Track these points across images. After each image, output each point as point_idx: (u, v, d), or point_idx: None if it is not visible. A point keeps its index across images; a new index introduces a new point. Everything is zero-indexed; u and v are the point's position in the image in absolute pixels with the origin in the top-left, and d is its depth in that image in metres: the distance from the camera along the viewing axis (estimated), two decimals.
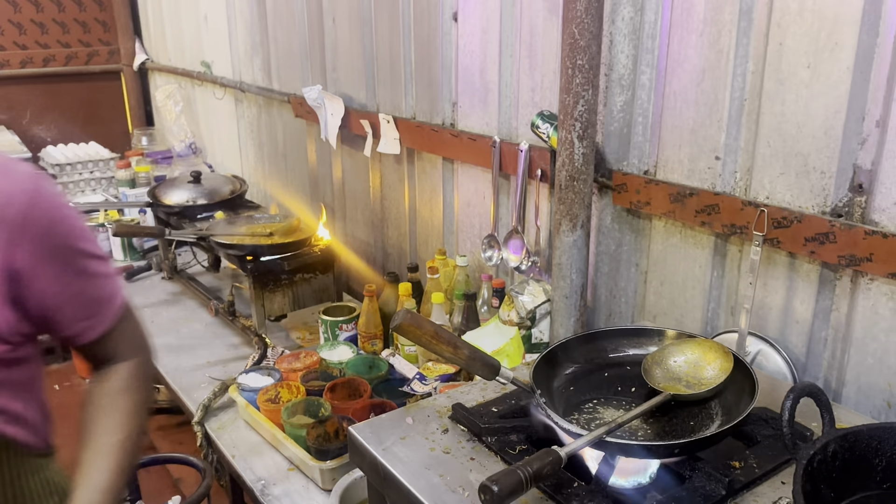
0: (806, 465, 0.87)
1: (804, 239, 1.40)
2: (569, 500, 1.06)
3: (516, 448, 1.20)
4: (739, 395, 1.19)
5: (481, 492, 0.90)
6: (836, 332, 1.44)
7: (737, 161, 1.55)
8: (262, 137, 3.50)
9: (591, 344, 1.35)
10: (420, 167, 2.50)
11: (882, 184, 1.32)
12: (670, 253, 1.74)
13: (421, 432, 1.26)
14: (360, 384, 1.91)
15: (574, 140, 1.65)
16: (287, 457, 1.79)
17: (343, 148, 2.83)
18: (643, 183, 1.71)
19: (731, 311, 1.64)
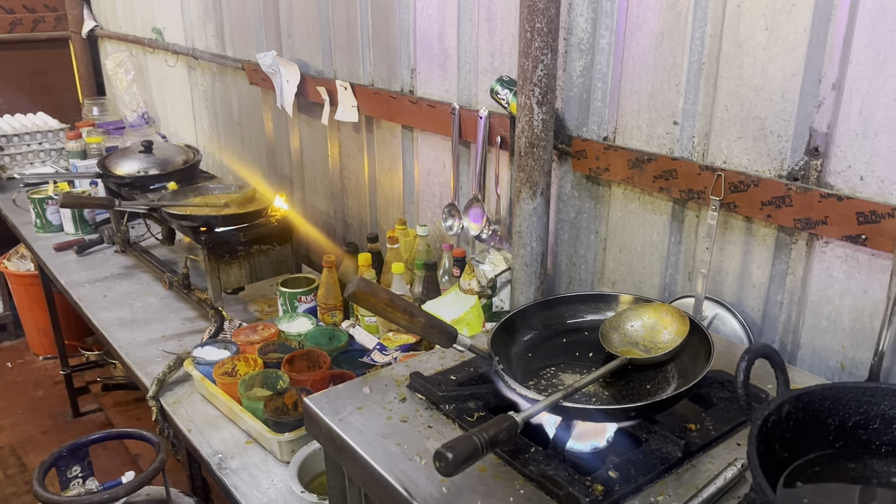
0: (760, 425, 0.87)
1: (761, 203, 1.40)
2: (525, 465, 1.06)
3: (474, 415, 1.19)
4: (695, 358, 1.19)
5: (436, 459, 0.88)
6: (791, 296, 1.45)
7: (694, 126, 1.54)
8: (216, 106, 3.40)
9: (550, 310, 1.34)
10: (379, 135, 2.45)
11: (837, 147, 1.33)
12: (629, 220, 1.74)
13: (378, 402, 1.24)
14: (319, 356, 1.88)
15: (533, 106, 1.63)
16: (245, 430, 1.76)
17: (300, 116, 2.76)
18: (602, 149, 1.70)
19: (689, 276, 1.64)
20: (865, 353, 1.35)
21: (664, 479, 1.04)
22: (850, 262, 1.35)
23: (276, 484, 1.59)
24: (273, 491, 1.57)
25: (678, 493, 1.01)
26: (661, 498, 1.00)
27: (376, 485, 1.09)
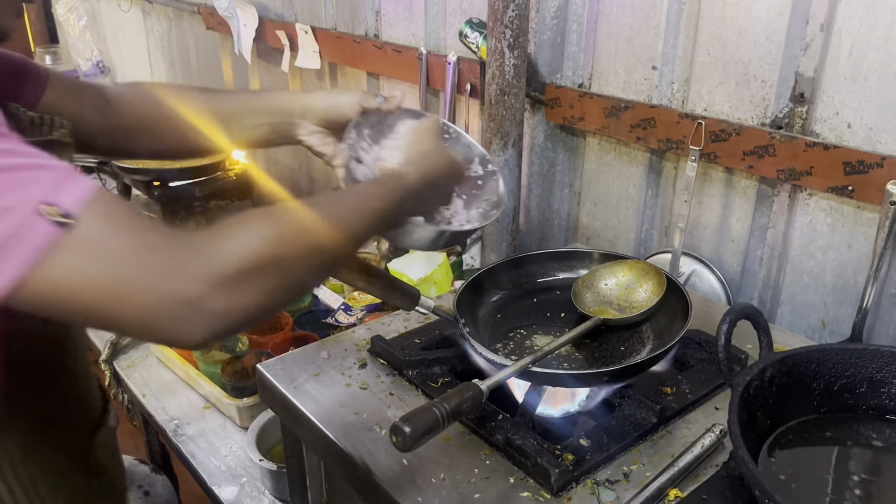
0: (742, 392, 0.81)
1: (742, 153, 1.33)
2: (492, 434, 0.99)
3: (439, 381, 1.11)
4: (672, 318, 1.13)
5: (392, 433, 0.81)
6: (772, 251, 1.39)
7: (674, 71, 1.45)
8: (173, 53, 3.23)
9: (520, 269, 1.26)
10: (343, 83, 2.33)
11: (825, 92, 1.25)
12: (604, 172, 1.66)
13: (337, 367, 1.16)
14: (280, 316, 1.80)
15: (504, 50, 1.52)
16: (202, 395, 1.67)
17: (260, 63, 2.62)
18: (577, 97, 1.60)
19: (666, 231, 1.58)
20: (848, 310, 1.30)
21: (638, 446, 0.98)
22: (834, 215, 1.28)
23: (234, 451, 1.52)
24: (232, 458, 1.50)
25: (653, 462, 0.95)
26: (634, 467, 0.95)
27: (333, 456, 1.02)
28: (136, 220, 0.67)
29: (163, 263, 0.64)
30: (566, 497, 0.90)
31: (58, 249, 0.60)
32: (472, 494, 0.90)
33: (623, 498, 0.89)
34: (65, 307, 0.63)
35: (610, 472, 0.94)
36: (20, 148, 0.64)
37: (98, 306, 0.63)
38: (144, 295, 0.63)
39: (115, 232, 0.64)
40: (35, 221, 0.60)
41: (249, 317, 0.68)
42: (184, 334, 0.65)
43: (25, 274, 0.60)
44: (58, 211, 0.60)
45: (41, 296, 0.62)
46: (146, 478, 1.80)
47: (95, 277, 0.62)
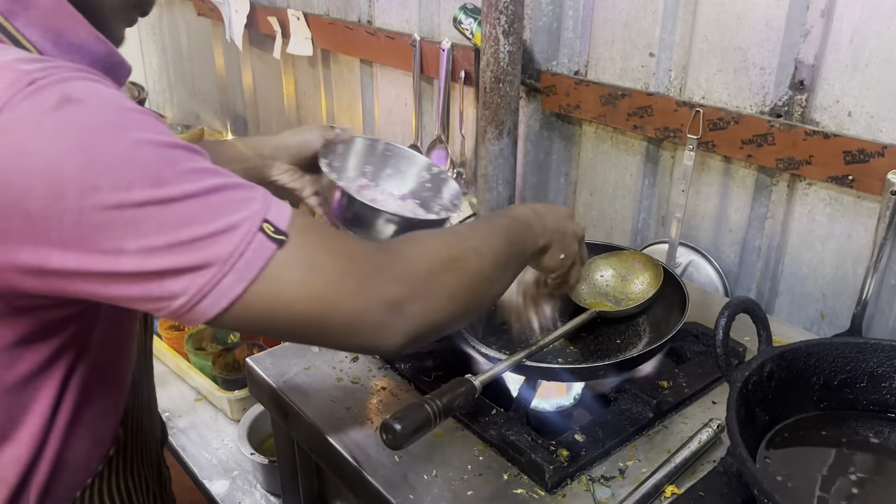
0: (740, 388, 0.79)
1: (741, 141, 1.30)
2: (485, 430, 0.97)
3: (431, 375, 1.09)
4: (669, 310, 1.11)
5: (383, 431, 0.79)
6: (770, 241, 1.37)
7: (672, 58, 1.43)
8: (164, 41, 3.18)
9: None
10: (336, 71, 2.29)
11: (825, 80, 1.22)
12: (600, 161, 1.63)
13: (327, 361, 1.14)
14: None
15: (499, 36, 1.49)
16: (194, 387, 1.66)
17: (252, 50, 2.58)
18: (573, 84, 1.58)
19: (662, 221, 1.55)
20: (847, 301, 1.28)
21: (634, 441, 0.97)
22: (834, 205, 1.26)
23: (226, 444, 1.50)
24: (223, 451, 1.49)
25: (649, 457, 0.94)
26: (630, 463, 0.93)
27: (324, 453, 1.00)
28: (334, 234, 0.71)
29: (365, 270, 0.68)
30: (561, 494, 0.88)
31: (276, 264, 0.63)
32: (464, 491, 0.88)
33: (619, 495, 0.87)
34: (278, 320, 0.65)
35: (605, 468, 0.92)
36: (224, 171, 0.65)
37: (310, 317, 0.66)
38: (352, 301, 0.67)
39: (321, 245, 0.67)
40: (258, 239, 0.62)
41: (442, 321, 0.73)
42: (386, 338, 0.69)
43: (247, 290, 0.62)
44: (274, 228, 0.63)
45: (257, 311, 0.64)
46: None
47: (309, 288, 0.65)
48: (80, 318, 0.72)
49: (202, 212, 0.60)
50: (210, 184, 0.61)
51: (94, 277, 0.60)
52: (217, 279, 0.61)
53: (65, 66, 0.61)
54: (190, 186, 0.60)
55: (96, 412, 0.79)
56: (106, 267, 0.59)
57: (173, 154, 0.61)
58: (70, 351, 0.73)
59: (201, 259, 0.60)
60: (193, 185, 0.60)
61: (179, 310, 0.61)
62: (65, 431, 0.76)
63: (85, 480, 0.81)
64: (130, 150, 0.59)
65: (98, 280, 0.60)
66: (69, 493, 0.79)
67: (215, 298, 0.61)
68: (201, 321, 0.63)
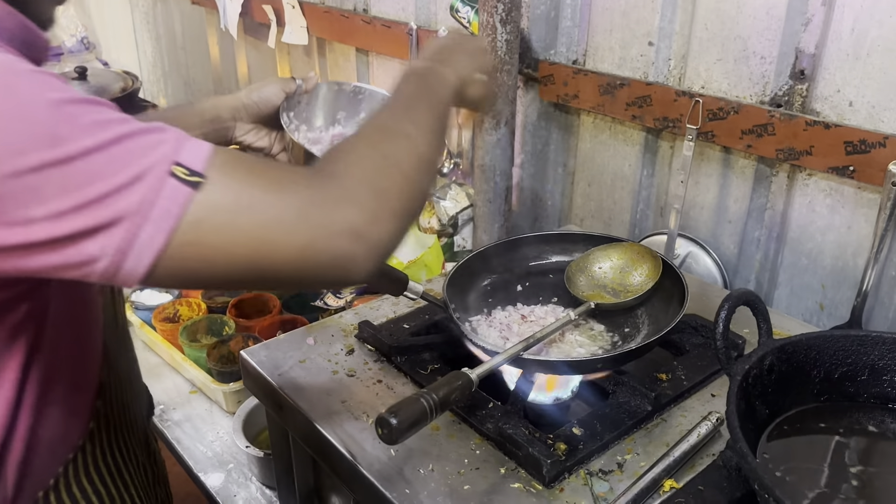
0: (740, 381, 0.78)
1: (741, 132, 1.29)
2: (483, 423, 0.96)
3: (428, 368, 1.08)
4: (668, 302, 1.10)
5: (378, 425, 0.78)
6: (769, 232, 1.36)
7: (671, 47, 1.41)
8: (158, 29, 3.15)
9: (511, 252, 1.22)
10: (332, 60, 2.27)
11: (826, 69, 1.21)
12: (599, 151, 1.62)
13: (323, 354, 1.13)
14: (268, 299, 1.76)
15: (496, 25, 1.47)
16: (188, 379, 1.64)
17: (247, 39, 2.55)
18: (571, 73, 1.56)
19: (661, 211, 1.54)
20: (847, 292, 1.27)
21: (632, 434, 0.96)
22: (834, 196, 1.25)
23: (221, 436, 1.49)
24: (218, 444, 1.47)
25: (647, 451, 0.93)
26: (628, 456, 0.92)
27: (319, 446, 0.99)
28: (260, 166, 0.65)
29: (302, 199, 0.62)
30: (558, 488, 0.87)
31: (196, 207, 0.58)
32: (461, 486, 0.88)
33: (617, 489, 0.86)
34: (217, 269, 0.61)
35: (603, 461, 0.91)
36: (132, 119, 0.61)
37: (251, 260, 0.61)
38: (295, 235, 0.61)
39: (244, 180, 0.61)
40: (170, 184, 0.57)
41: (402, 225, 0.68)
42: (351, 266, 0.63)
43: (169, 242, 0.58)
44: (187, 170, 0.58)
45: (189, 263, 0.59)
46: None
47: (242, 228, 0.60)
48: (30, 297, 0.70)
49: (106, 165, 0.56)
50: (111, 135, 0.57)
51: (11, 252, 0.57)
52: (133, 234, 0.57)
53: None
54: (89, 141, 0.56)
55: (67, 387, 0.78)
56: (19, 239, 0.56)
57: (70, 110, 0.57)
58: (27, 330, 0.71)
59: (112, 215, 0.56)
60: (93, 139, 0.56)
61: (106, 272, 0.58)
62: (34, 411, 0.74)
63: (67, 455, 0.80)
64: (21, 112, 0.56)
65: (16, 254, 0.57)
66: (51, 468, 0.79)
67: (138, 254, 0.57)
68: (134, 281, 0.59)
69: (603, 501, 0.85)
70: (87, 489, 0.83)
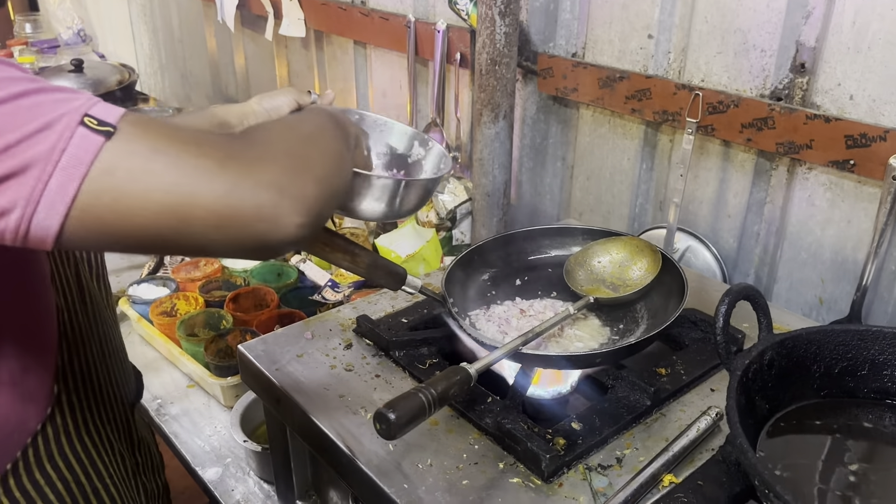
0: (740, 376, 0.78)
1: (741, 125, 1.28)
2: (481, 418, 0.96)
3: (426, 362, 1.08)
4: (667, 296, 1.09)
5: (376, 420, 0.77)
6: (769, 226, 1.36)
7: (671, 40, 1.40)
8: (156, 22, 3.13)
9: (510, 246, 1.22)
10: (330, 52, 2.26)
11: (826, 62, 1.20)
12: (598, 145, 1.61)
13: (321, 348, 1.13)
14: (266, 294, 1.75)
15: (495, 17, 1.47)
16: (186, 373, 1.64)
17: (244, 31, 2.54)
18: (570, 66, 1.55)
19: (660, 206, 1.54)
20: (846, 287, 1.26)
21: (631, 429, 0.96)
22: (834, 190, 1.25)
23: (219, 431, 1.49)
24: (216, 438, 1.47)
25: (646, 446, 0.92)
26: (627, 451, 0.92)
27: (317, 441, 0.99)
28: (176, 125, 0.64)
29: (224, 152, 0.61)
30: (557, 483, 0.87)
31: (108, 155, 0.57)
32: (459, 481, 0.87)
33: (616, 484, 0.86)
34: (133, 223, 0.58)
35: (602, 456, 0.91)
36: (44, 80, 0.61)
37: (168, 208, 0.58)
38: (213, 185, 0.59)
39: (161, 131, 0.60)
40: (80, 132, 0.56)
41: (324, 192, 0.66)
42: (277, 218, 0.60)
43: (81, 190, 0.56)
44: (98, 121, 0.57)
45: (103, 217, 0.57)
46: None
47: (157, 175, 0.58)
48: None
49: (13, 117, 0.56)
50: (20, 89, 0.57)
51: None
52: (42, 182, 0.55)
53: None
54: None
55: (18, 370, 0.77)
56: None
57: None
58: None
59: (19, 164, 0.55)
60: (2, 92, 0.56)
61: (19, 227, 0.56)
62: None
63: (24, 440, 0.79)
64: None
65: None
66: (9, 451, 0.78)
67: (49, 204, 0.55)
68: (50, 237, 0.57)
69: (602, 496, 0.85)
70: (52, 475, 0.82)
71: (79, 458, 0.85)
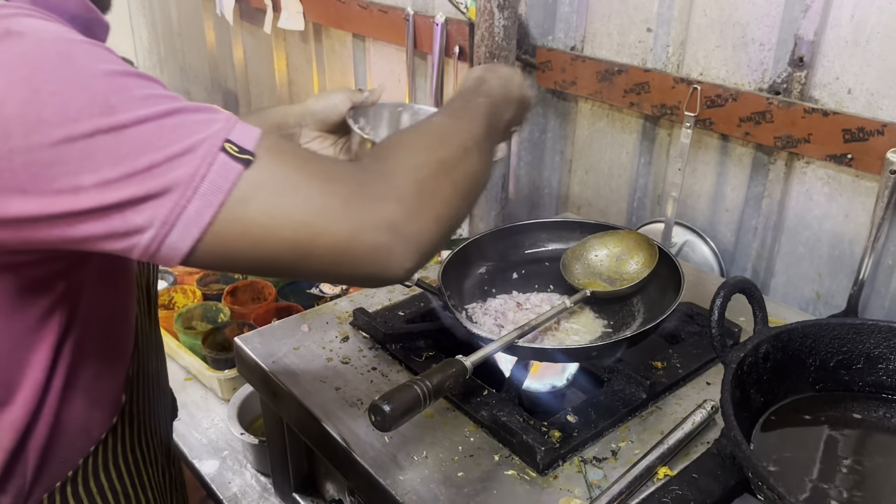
0: (735, 369, 0.78)
1: (739, 119, 1.28)
2: (477, 410, 0.96)
3: (423, 355, 1.08)
4: (664, 290, 1.09)
5: (371, 412, 0.77)
6: (767, 221, 1.35)
7: (670, 33, 1.40)
8: (154, 15, 3.12)
9: (507, 239, 1.22)
10: (328, 46, 2.25)
11: (825, 56, 1.20)
12: (596, 139, 1.61)
13: (317, 341, 1.13)
14: (264, 287, 1.76)
15: (494, 10, 1.46)
16: (183, 366, 1.64)
17: (243, 24, 2.53)
18: (569, 60, 1.55)
19: (658, 200, 1.53)
20: (843, 281, 1.26)
21: (627, 422, 0.96)
22: (831, 185, 1.25)
23: (216, 423, 1.49)
24: (213, 431, 1.47)
25: (642, 439, 0.93)
26: (623, 444, 0.92)
27: (313, 433, 0.99)
28: (309, 154, 0.67)
29: (349, 189, 0.63)
30: (552, 475, 0.87)
31: (245, 185, 0.58)
32: (455, 473, 0.87)
33: (611, 476, 0.86)
34: (258, 250, 0.61)
35: (598, 449, 0.91)
36: (181, 97, 0.62)
37: (294, 242, 0.61)
38: (339, 223, 0.61)
39: (294, 164, 0.62)
40: (220, 159, 0.58)
41: (443, 231, 0.68)
42: (391, 261, 0.64)
43: (216, 215, 0.58)
44: (238, 148, 0.59)
45: (233, 240, 0.59)
46: None
47: (286, 211, 0.60)
48: (68, 275, 0.69)
49: (157, 137, 0.57)
50: (164, 108, 0.58)
51: (56, 220, 0.57)
52: (181, 206, 0.57)
53: (15, 5, 0.59)
54: (143, 112, 0.56)
55: (94, 375, 0.77)
56: (66, 207, 0.56)
57: (124, 81, 0.57)
58: (61, 310, 0.70)
59: (161, 186, 0.56)
60: (146, 111, 0.57)
61: (150, 245, 0.58)
62: (61, 394, 0.74)
63: (87, 447, 0.79)
64: (75, 78, 0.56)
65: (62, 222, 0.57)
66: (71, 459, 0.78)
67: (184, 227, 0.57)
68: (178, 257, 0.59)
69: (597, 488, 0.85)
70: (104, 485, 0.82)
71: (129, 469, 0.85)
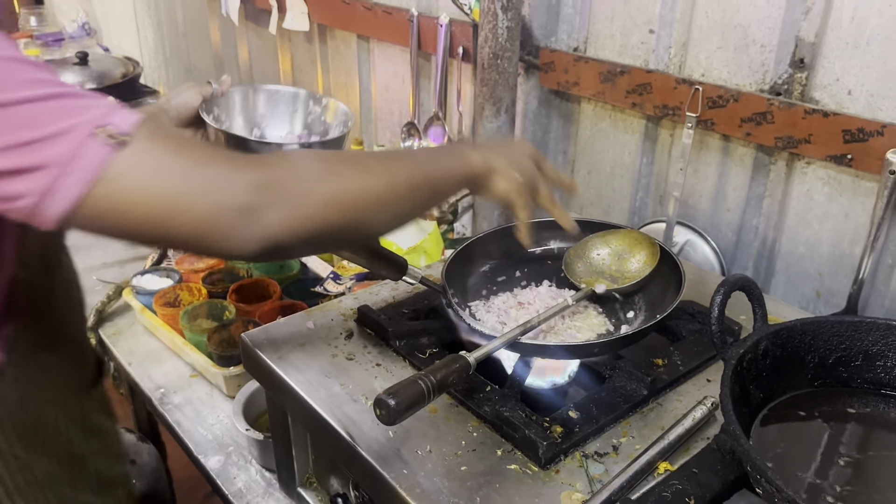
0: (735, 365, 0.79)
1: (740, 120, 1.29)
2: (480, 406, 0.97)
3: (426, 352, 1.09)
4: (665, 289, 1.10)
5: (376, 406, 0.79)
6: (767, 220, 1.37)
7: (672, 35, 1.41)
8: (160, 16, 3.14)
9: (510, 238, 1.22)
10: (333, 47, 2.27)
11: (825, 58, 1.21)
12: (599, 139, 1.62)
13: (322, 338, 1.14)
14: (268, 285, 1.77)
15: (497, 11, 1.48)
16: (189, 363, 1.65)
17: (248, 25, 2.55)
18: (572, 61, 1.56)
19: (660, 199, 1.55)
20: (843, 280, 1.28)
21: (628, 418, 0.97)
22: (832, 185, 1.26)
23: (221, 420, 1.50)
24: (218, 427, 1.49)
25: (643, 434, 0.94)
26: (624, 439, 0.93)
27: (318, 428, 1.00)
28: (185, 140, 0.73)
29: (218, 174, 0.69)
30: (554, 470, 0.88)
31: (116, 166, 0.64)
32: (458, 467, 0.89)
33: (612, 471, 0.87)
34: (123, 223, 0.66)
35: (599, 444, 0.92)
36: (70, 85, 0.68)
37: (158, 219, 0.67)
38: (201, 204, 0.67)
39: (168, 148, 0.68)
40: (92, 143, 0.64)
41: (310, 230, 0.72)
42: (240, 242, 0.69)
43: (86, 193, 0.64)
44: (112, 132, 0.64)
45: (102, 215, 0.65)
46: (133, 446, 1.78)
47: (154, 190, 0.66)
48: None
49: (39, 116, 0.63)
50: (49, 91, 0.64)
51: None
52: (56, 181, 0.63)
53: None
54: (27, 93, 0.63)
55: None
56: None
57: (14, 66, 0.64)
58: None
59: (38, 161, 0.63)
60: (31, 92, 0.63)
61: (27, 211, 0.64)
62: None
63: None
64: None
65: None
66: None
67: (59, 199, 0.63)
68: (52, 222, 0.65)
69: (598, 483, 0.86)
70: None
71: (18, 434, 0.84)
